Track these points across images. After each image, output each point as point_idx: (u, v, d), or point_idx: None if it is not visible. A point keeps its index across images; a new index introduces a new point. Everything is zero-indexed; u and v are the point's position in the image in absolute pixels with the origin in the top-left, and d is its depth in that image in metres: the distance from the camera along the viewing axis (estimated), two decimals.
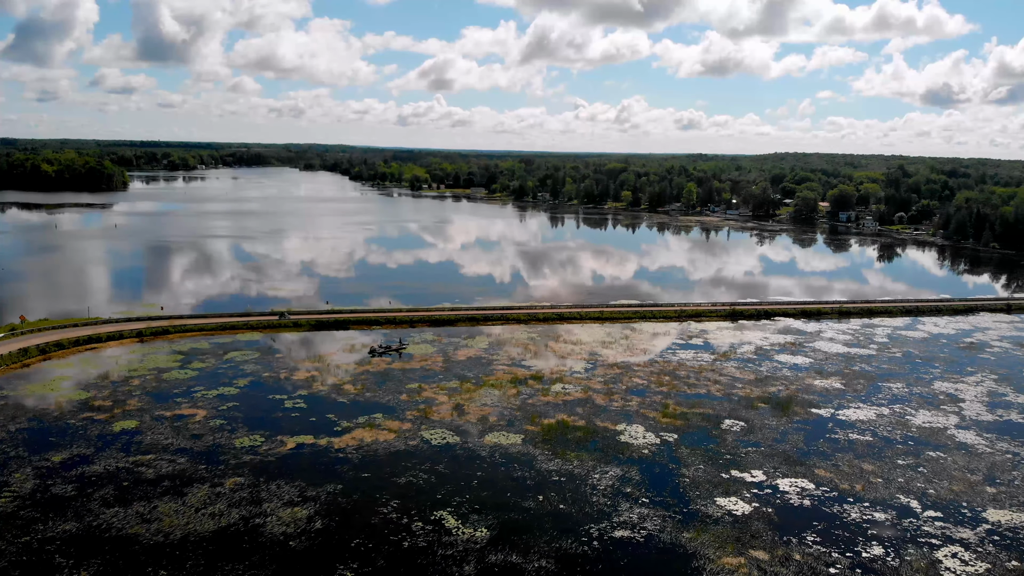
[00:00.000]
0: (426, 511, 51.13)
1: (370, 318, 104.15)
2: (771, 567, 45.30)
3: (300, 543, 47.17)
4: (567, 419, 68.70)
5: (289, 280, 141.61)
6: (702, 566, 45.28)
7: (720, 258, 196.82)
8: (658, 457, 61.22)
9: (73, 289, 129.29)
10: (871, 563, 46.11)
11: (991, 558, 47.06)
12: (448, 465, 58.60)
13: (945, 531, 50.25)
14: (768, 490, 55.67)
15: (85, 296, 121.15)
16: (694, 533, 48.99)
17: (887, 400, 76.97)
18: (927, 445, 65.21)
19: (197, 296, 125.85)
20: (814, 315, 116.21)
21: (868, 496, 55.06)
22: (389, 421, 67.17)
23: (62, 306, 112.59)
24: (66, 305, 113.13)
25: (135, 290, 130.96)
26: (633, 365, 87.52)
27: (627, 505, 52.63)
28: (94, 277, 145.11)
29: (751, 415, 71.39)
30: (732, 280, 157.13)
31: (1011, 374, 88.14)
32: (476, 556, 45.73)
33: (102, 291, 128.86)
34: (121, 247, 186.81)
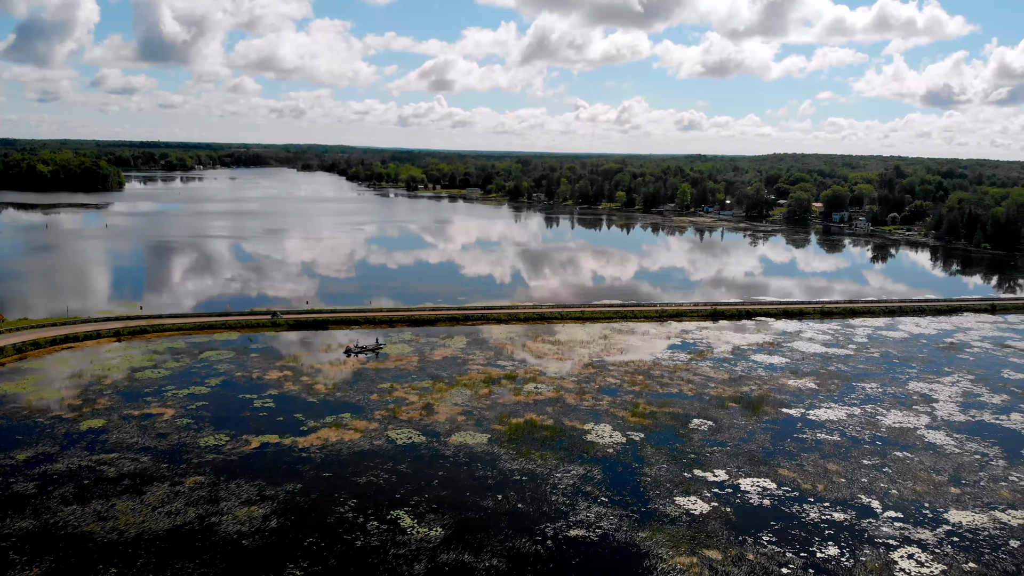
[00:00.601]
0: (383, 510, 51.02)
1: (350, 318, 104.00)
2: (723, 567, 45.17)
3: (253, 542, 47.07)
4: (536, 418, 68.58)
5: (279, 280, 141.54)
6: (654, 565, 45.16)
7: (708, 259, 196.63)
8: (622, 456, 61.10)
9: (56, 289, 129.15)
10: (825, 563, 45.95)
11: (948, 559, 46.86)
12: (411, 465, 58.47)
13: (904, 532, 50.08)
14: (729, 490, 55.54)
15: (67, 296, 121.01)
16: (649, 532, 48.85)
17: (859, 400, 76.80)
18: (895, 445, 65.04)
19: (181, 296, 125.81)
20: (796, 315, 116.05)
21: (829, 496, 54.89)
22: (356, 421, 67.08)
23: (44, 305, 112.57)
24: (48, 304, 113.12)
25: (118, 290, 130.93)
26: (608, 365, 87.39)
27: (585, 504, 52.52)
28: (78, 277, 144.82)
29: (720, 414, 71.27)
30: (718, 280, 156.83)
31: (988, 374, 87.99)
32: (428, 555, 45.63)
33: (84, 291, 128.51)
34: (109, 247, 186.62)
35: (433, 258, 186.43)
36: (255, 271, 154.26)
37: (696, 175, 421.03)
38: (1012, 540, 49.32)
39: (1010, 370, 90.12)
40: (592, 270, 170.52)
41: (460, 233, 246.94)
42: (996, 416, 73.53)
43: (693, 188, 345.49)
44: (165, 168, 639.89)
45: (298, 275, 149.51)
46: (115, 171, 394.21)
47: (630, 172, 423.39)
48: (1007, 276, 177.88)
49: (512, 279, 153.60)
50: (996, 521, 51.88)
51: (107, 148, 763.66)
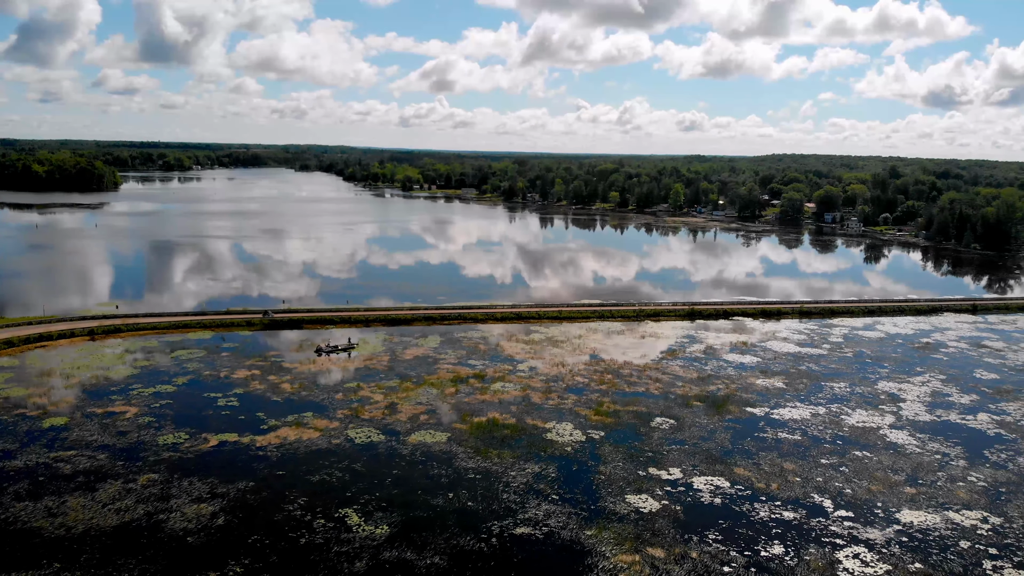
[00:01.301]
0: (331, 509, 51.00)
1: (326, 317, 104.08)
2: (665, 565, 45.12)
3: (198, 539, 47.08)
4: (498, 417, 68.52)
5: (257, 279, 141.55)
6: (595, 563, 45.11)
7: (694, 259, 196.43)
8: (579, 454, 61.03)
9: (35, 288, 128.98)
10: (768, 562, 45.88)
11: (894, 559, 46.70)
12: (366, 463, 58.44)
13: (852, 531, 49.96)
14: (681, 488, 55.46)
15: (46, 295, 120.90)
16: (595, 530, 48.80)
17: (826, 400, 76.66)
18: (855, 445, 64.90)
19: (161, 296, 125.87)
20: (774, 315, 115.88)
21: (782, 495, 54.76)
22: (318, 420, 67.06)
23: (21, 305, 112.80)
24: (27, 304, 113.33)
25: (98, 289, 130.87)
26: (579, 364, 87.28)
27: (536, 502, 52.44)
28: (59, 277, 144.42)
29: (683, 413, 71.15)
30: (701, 280, 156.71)
31: (960, 375, 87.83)
32: (370, 553, 45.60)
33: (64, 290, 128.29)
34: (95, 247, 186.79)
35: (418, 258, 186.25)
36: (238, 270, 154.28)
37: (692, 175, 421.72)
38: (963, 541, 49.19)
39: (983, 370, 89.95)
40: (576, 270, 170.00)
41: (449, 233, 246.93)
42: (962, 416, 73.41)
43: (686, 188, 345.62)
44: (163, 168, 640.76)
45: (279, 274, 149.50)
46: (110, 171, 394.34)
47: (626, 173, 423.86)
48: (993, 276, 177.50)
49: (497, 279, 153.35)
50: (949, 521, 51.75)
51: (107, 148, 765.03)
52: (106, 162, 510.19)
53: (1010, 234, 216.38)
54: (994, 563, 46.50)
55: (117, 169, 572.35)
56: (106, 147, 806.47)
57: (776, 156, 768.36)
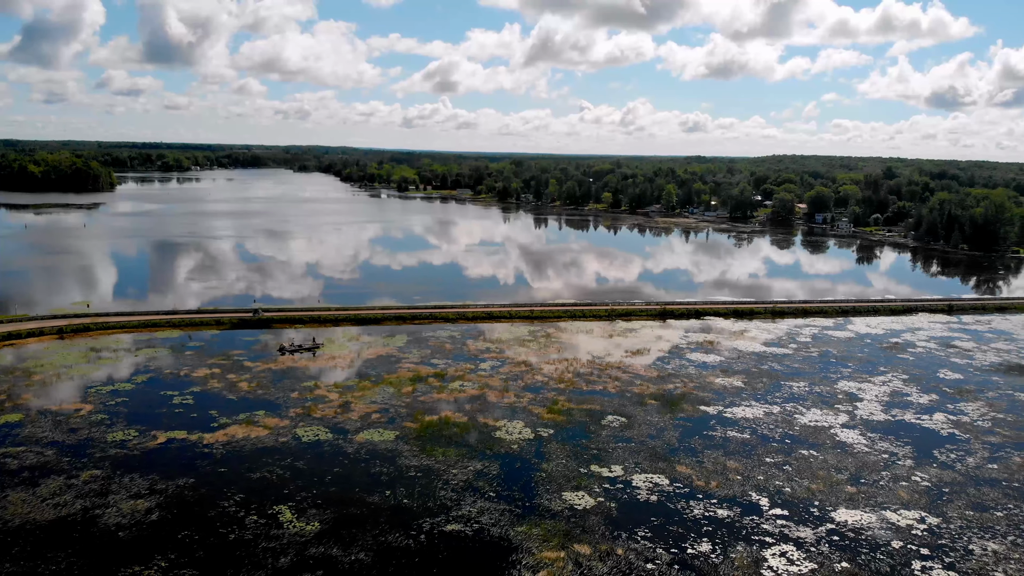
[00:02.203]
0: (266, 505, 51.23)
1: (295, 316, 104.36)
2: (589, 561, 45.26)
3: (129, 534, 47.40)
4: (450, 416, 68.70)
5: (236, 279, 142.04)
6: (519, 559, 45.25)
7: (678, 259, 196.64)
8: (524, 452, 61.15)
9: (13, 288, 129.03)
10: (693, 559, 46.00)
11: (821, 558, 46.70)
12: (309, 461, 58.68)
13: (784, 530, 50.01)
14: (620, 485, 55.59)
15: (23, 294, 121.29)
16: (526, 527, 48.95)
17: (782, 399, 76.61)
18: (803, 444, 64.89)
19: (135, 294, 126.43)
20: (746, 315, 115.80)
21: (720, 493, 54.85)
22: (269, 418, 67.31)
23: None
24: (2, 304, 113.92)
25: (73, 288, 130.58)
26: (542, 363, 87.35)
27: (472, 499, 52.65)
28: (38, 276, 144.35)
29: (636, 411, 71.22)
30: (682, 280, 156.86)
31: (923, 374, 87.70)
32: (297, 549, 45.84)
33: (40, 289, 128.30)
34: (79, 247, 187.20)
35: (401, 258, 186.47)
36: (219, 269, 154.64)
37: (688, 176, 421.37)
38: (895, 541, 49.16)
39: (947, 370, 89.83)
40: (557, 270, 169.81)
41: (435, 234, 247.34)
42: (918, 416, 73.32)
43: (679, 189, 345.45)
44: (161, 169, 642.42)
45: (259, 273, 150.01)
46: (106, 172, 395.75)
47: (621, 173, 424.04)
48: (977, 277, 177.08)
49: (478, 279, 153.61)
50: (884, 521, 51.73)
51: (108, 149, 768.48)
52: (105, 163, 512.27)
53: (998, 235, 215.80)
54: (924, 563, 46.51)
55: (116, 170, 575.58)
56: (108, 148, 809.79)
57: (776, 157, 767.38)
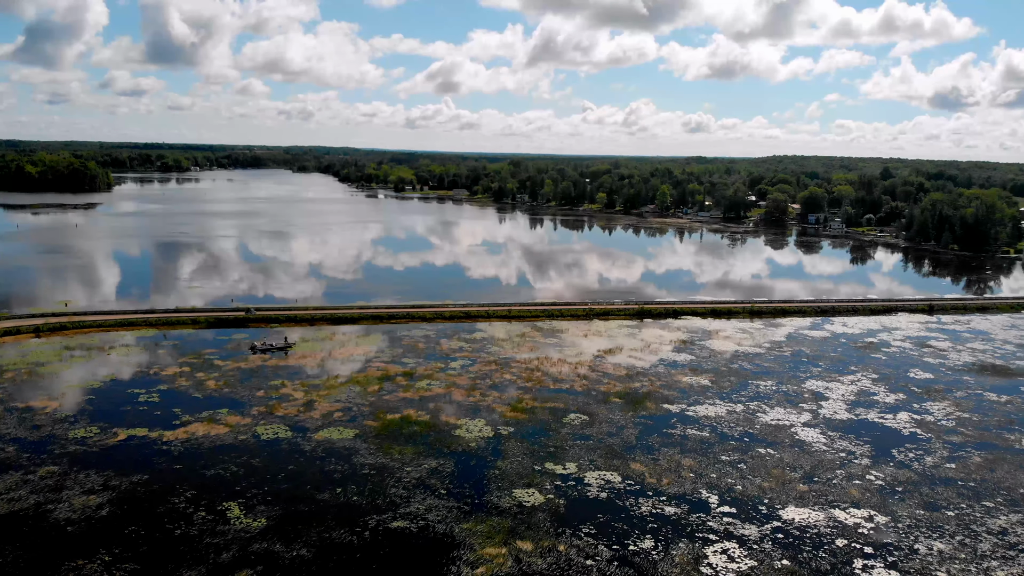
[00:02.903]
0: (216, 502, 51.59)
1: (271, 316, 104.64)
2: (528, 557, 45.47)
3: (77, 528, 47.79)
4: (412, 415, 68.96)
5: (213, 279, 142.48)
6: (460, 555, 45.50)
7: (666, 260, 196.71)
8: (481, 450, 61.42)
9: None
10: (633, 556, 46.19)
11: (762, 556, 46.82)
12: (264, 459, 58.95)
13: (729, 527, 50.17)
14: (572, 482, 55.79)
15: (5, 293, 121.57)
16: (472, 524, 49.20)
17: (747, 398, 76.73)
18: (761, 442, 65.04)
19: (116, 293, 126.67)
20: (724, 314, 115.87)
21: (670, 490, 55.03)
22: (231, 416, 67.65)
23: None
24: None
25: (54, 287, 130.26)
26: (512, 362, 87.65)
27: (421, 497, 52.93)
28: (24, 275, 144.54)
29: (599, 409, 71.44)
30: (663, 280, 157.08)
31: (894, 373, 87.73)
32: (240, 545, 46.15)
33: (24, 288, 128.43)
34: (69, 246, 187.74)
35: (385, 258, 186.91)
36: (202, 269, 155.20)
37: (684, 177, 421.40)
38: (840, 539, 49.21)
39: (918, 370, 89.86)
40: (541, 270, 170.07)
41: (426, 234, 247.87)
42: (882, 415, 73.37)
43: (674, 190, 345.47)
44: (161, 169, 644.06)
45: (241, 273, 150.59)
46: (103, 172, 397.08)
47: (618, 174, 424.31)
48: (962, 277, 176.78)
49: (464, 279, 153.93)
50: (831, 519, 51.82)
51: (109, 149, 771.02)
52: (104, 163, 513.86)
53: (989, 235, 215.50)
54: (866, 562, 46.59)
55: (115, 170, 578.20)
56: (110, 148, 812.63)
57: (777, 158, 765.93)
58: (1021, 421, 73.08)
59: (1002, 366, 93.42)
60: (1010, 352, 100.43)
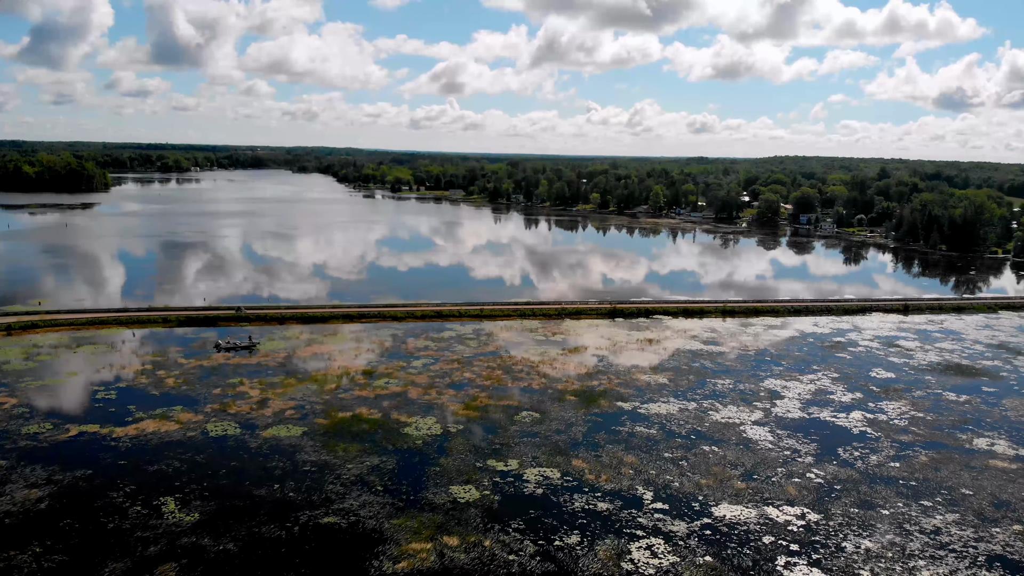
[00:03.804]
0: (154, 497, 52.30)
1: (241, 315, 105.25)
2: (453, 552, 45.97)
3: (14, 520, 48.51)
4: (365, 413, 69.49)
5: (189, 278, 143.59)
6: (384, 550, 45.99)
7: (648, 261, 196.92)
8: (426, 448, 61.90)
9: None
10: (557, 551, 46.59)
11: (686, 551, 47.09)
12: (209, 455, 59.62)
13: (658, 523, 50.51)
14: (510, 479, 56.24)
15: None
16: (402, 520, 49.67)
17: (702, 396, 77.05)
18: (707, 440, 65.38)
19: (95, 292, 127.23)
20: (696, 314, 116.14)
21: (607, 487, 55.43)
22: (184, 413, 68.34)
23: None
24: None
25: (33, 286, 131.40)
26: (475, 360, 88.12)
27: (358, 493, 53.47)
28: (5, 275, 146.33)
29: (552, 407, 71.83)
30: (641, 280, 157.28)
31: (855, 373, 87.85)
32: (169, 539, 46.73)
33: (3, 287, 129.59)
34: (54, 245, 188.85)
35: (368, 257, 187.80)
36: (181, 268, 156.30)
37: (681, 177, 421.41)
38: (767, 536, 49.49)
39: (881, 369, 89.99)
40: (521, 271, 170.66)
41: (411, 234, 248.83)
42: (834, 414, 73.56)
43: (668, 190, 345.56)
44: (161, 170, 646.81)
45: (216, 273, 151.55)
46: (100, 172, 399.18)
47: (615, 175, 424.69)
48: (946, 277, 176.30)
49: (441, 279, 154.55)
50: (763, 517, 52.06)
51: (112, 150, 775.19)
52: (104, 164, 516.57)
53: (977, 235, 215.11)
54: (789, 559, 46.84)
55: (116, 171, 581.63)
56: (113, 149, 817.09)
57: (779, 158, 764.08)
58: (976, 421, 73.46)
59: (967, 366, 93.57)
60: (978, 352, 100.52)
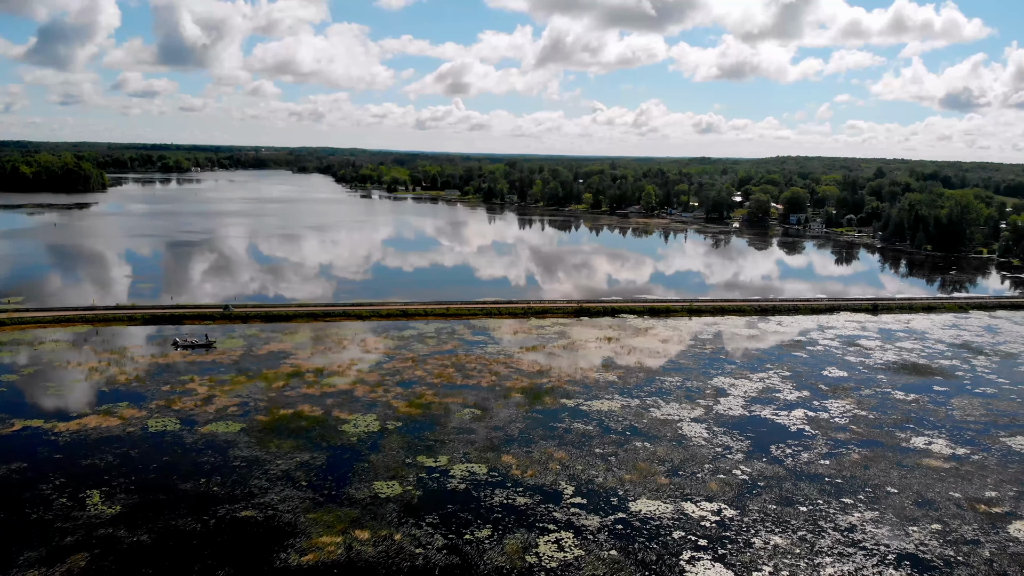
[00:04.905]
0: (81, 489, 53.33)
1: (205, 313, 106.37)
2: (361, 546, 46.73)
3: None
4: (306, 410, 70.27)
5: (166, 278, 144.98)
6: (294, 543, 46.74)
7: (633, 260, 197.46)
8: (359, 444, 62.66)
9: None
10: (465, 545, 47.28)
11: (593, 546, 47.69)
12: (144, 450, 60.56)
13: (573, 518, 51.11)
14: (436, 475, 56.97)
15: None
16: (318, 514, 50.48)
17: (647, 393, 77.54)
18: (642, 436, 65.92)
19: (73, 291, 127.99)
20: (662, 312, 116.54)
21: (530, 482, 56.02)
22: (128, 409, 69.32)
23: None
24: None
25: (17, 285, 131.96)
26: (430, 359, 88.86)
27: (281, 488, 54.24)
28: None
29: (495, 405, 72.47)
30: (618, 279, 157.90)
31: (807, 372, 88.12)
32: (86, 530, 47.66)
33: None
34: (40, 244, 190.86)
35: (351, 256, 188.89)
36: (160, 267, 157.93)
37: (676, 177, 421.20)
38: (678, 531, 49.93)
39: (835, 368, 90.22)
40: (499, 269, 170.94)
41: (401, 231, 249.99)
42: (775, 412, 73.91)
43: (660, 190, 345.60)
44: (161, 170, 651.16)
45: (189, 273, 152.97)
46: (97, 173, 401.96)
47: (611, 175, 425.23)
48: (926, 277, 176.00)
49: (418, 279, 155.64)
50: (679, 512, 52.58)
51: (117, 150, 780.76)
52: (104, 164, 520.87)
53: (963, 235, 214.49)
54: (694, 554, 47.30)
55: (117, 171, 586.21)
56: (118, 149, 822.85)
57: (780, 158, 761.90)
58: (918, 420, 73.72)
59: (923, 365, 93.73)
60: (938, 352, 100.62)
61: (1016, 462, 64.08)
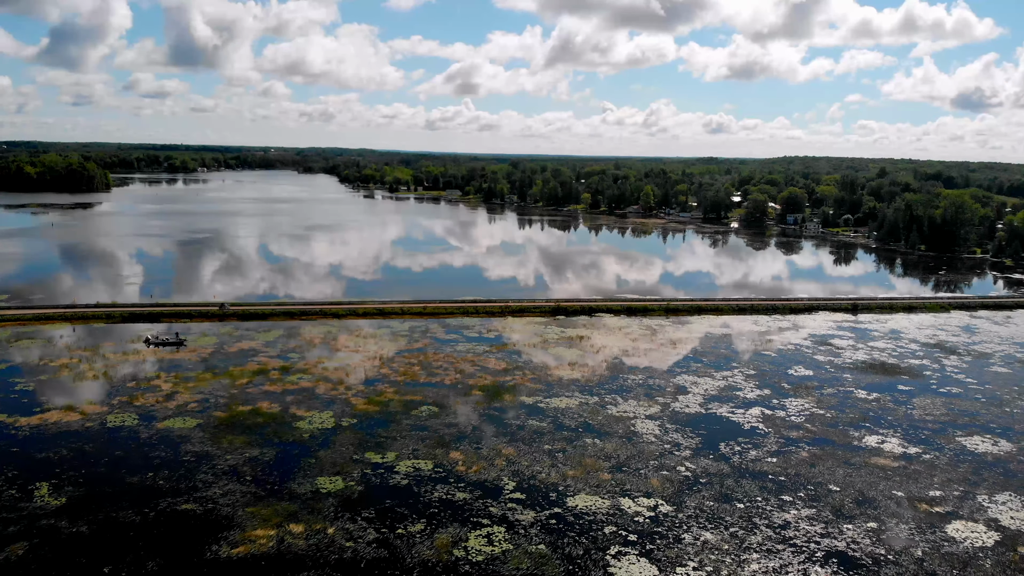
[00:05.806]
0: (31, 482, 54.48)
1: (182, 311, 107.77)
2: (293, 540, 47.53)
3: None
4: (265, 407, 71.27)
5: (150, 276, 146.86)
6: (227, 536, 47.62)
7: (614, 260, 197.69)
8: (311, 441, 63.54)
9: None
10: (396, 539, 48.01)
11: (523, 540, 48.23)
12: (98, 444, 61.74)
13: (508, 513, 51.70)
14: (381, 471, 57.76)
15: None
16: (256, 508, 51.36)
17: (608, 391, 78.05)
18: (593, 432, 66.44)
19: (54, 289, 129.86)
20: (639, 312, 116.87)
21: (473, 478, 56.73)
22: (89, 405, 70.55)
23: None
24: None
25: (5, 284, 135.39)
26: (398, 357, 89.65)
27: (225, 482, 55.23)
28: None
29: (454, 402, 73.27)
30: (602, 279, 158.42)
31: (772, 371, 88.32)
32: (29, 521, 48.75)
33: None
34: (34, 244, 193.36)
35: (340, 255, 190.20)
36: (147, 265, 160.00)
37: (678, 177, 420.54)
38: (609, 526, 50.37)
39: (801, 367, 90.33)
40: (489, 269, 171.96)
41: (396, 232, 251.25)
42: (732, 410, 74.20)
43: (659, 190, 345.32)
44: (168, 171, 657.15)
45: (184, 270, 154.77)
46: (101, 173, 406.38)
47: (612, 175, 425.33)
48: (915, 277, 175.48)
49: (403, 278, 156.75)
50: (615, 507, 53.01)
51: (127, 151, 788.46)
52: (110, 164, 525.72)
53: (957, 235, 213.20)
54: (620, 549, 47.74)
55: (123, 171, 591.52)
56: (128, 149, 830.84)
57: (788, 158, 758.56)
58: (875, 419, 73.79)
59: (892, 365, 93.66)
60: (910, 352, 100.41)
61: (967, 462, 64.11)
